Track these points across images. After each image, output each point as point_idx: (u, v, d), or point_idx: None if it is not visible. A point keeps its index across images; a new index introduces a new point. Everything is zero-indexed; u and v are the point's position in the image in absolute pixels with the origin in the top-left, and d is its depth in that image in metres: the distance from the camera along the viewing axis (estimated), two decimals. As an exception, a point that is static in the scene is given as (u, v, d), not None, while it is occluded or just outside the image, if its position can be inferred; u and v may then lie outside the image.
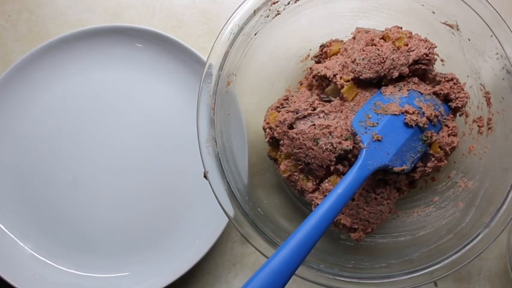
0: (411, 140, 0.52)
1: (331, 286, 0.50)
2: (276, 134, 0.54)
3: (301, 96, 0.56)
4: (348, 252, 0.57)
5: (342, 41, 0.60)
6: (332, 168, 0.53)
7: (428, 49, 0.54)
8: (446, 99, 0.56)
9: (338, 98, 0.55)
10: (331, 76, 0.55)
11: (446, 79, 0.56)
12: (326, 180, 0.54)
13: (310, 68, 0.58)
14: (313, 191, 0.55)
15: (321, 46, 0.60)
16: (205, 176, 0.51)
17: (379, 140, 0.51)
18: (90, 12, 0.71)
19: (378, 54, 0.54)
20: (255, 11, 0.53)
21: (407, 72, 0.54)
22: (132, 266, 0.65)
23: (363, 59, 0.54)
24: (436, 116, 0.54)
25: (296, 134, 0.53)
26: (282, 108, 0.55)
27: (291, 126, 0.54)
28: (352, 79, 0.54)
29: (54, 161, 0.67)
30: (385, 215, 0.55)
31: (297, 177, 0.55)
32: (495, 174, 0.53)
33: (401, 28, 0.56)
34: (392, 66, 0.54)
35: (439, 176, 0.59)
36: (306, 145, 0.53)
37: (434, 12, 0.56)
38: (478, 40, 0.54)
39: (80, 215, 0.66)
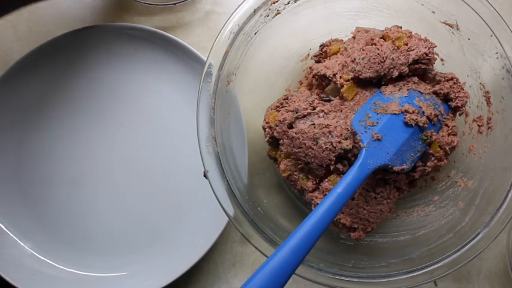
0: (411, 139, 0.52)
1: (331, 285, 0.50)
2: (275, 134, 0.54)
3: (301, 95, 0.56)
4: (347, 251, 0.57)
5: (341, 40, 0.60)
6: (332, 167, 0.53)
7: (428, 48, 0.54)
8: (446, 98, 0.56)
9: (338, 97, 0.55)
10: (331, 75, 0.55)
11: (446, 78, 0.56)
12: (326, 179, 0.54)
13: (310, 68, 0.58)
14: (313, 191, 0.55)
15: (320, 45, 0.60)
16: (205, 175, 0.51)
17: (379, 140, 0.51)
18: (90, 12, 0.71)
19: (378, 54, 0.54)
20: (255, 11, 0.53)
21: (407, 71, 0.54)
22: (131, 265, 0.65)
23: (363, 58, 0.54)
24: (436, 116, 0.54)
25: (296, 133, 0.53)
26: (282, 107, 0.55)
27: (290, 126, 0.54)
28: (352, 78, 0.54)
29: (54, 160, 0.67)
30: (385, 214, 0.55)
31: (297, 177, 0.55)
32: (495, 174, 0.53)
33: (401, 28, 0.56)
34: (392, 66, 0.54)
35: (439, 175, 0.59)
36: (305, 144, 0.53)
37: (434, 12, 0.56)
38: (478, 40, 0.54)
39: (80, 215, 0.66)
